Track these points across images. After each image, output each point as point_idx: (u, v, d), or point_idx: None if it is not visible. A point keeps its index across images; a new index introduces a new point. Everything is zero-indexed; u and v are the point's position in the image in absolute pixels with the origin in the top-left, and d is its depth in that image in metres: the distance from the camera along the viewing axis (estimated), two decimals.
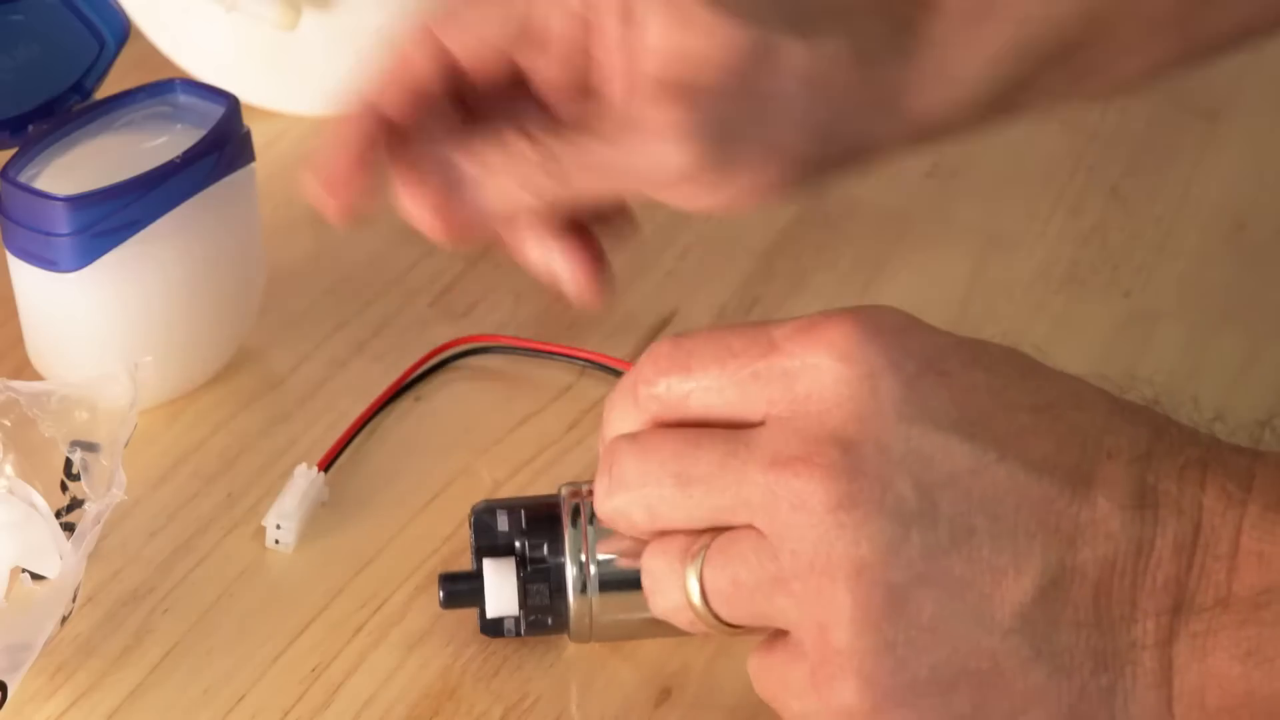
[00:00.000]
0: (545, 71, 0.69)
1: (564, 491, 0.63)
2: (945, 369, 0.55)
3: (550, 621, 0.63)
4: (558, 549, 0.62)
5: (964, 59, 0.68)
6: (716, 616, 0.57)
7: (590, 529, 0.62)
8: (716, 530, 0.56)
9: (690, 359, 0.58)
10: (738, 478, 0.55)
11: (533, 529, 0.63)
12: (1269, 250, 0.85)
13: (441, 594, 0.64)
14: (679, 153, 0.65)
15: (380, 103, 0.68)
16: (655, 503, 0.57)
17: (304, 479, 0.70)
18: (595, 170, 0.66)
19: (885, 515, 0.54)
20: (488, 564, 0.63)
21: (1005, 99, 0.69)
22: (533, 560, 0.63)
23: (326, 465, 0.71)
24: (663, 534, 0.58)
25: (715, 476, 0.56)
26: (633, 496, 0.57)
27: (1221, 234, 0.86)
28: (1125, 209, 0.87)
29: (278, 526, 0.69)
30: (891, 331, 0.56)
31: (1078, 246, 0.85)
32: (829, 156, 0.68)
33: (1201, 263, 0.84)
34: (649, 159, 0.65)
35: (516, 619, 0.64)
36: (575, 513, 0.62)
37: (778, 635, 0.57)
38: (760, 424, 0.56)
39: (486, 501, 0.64)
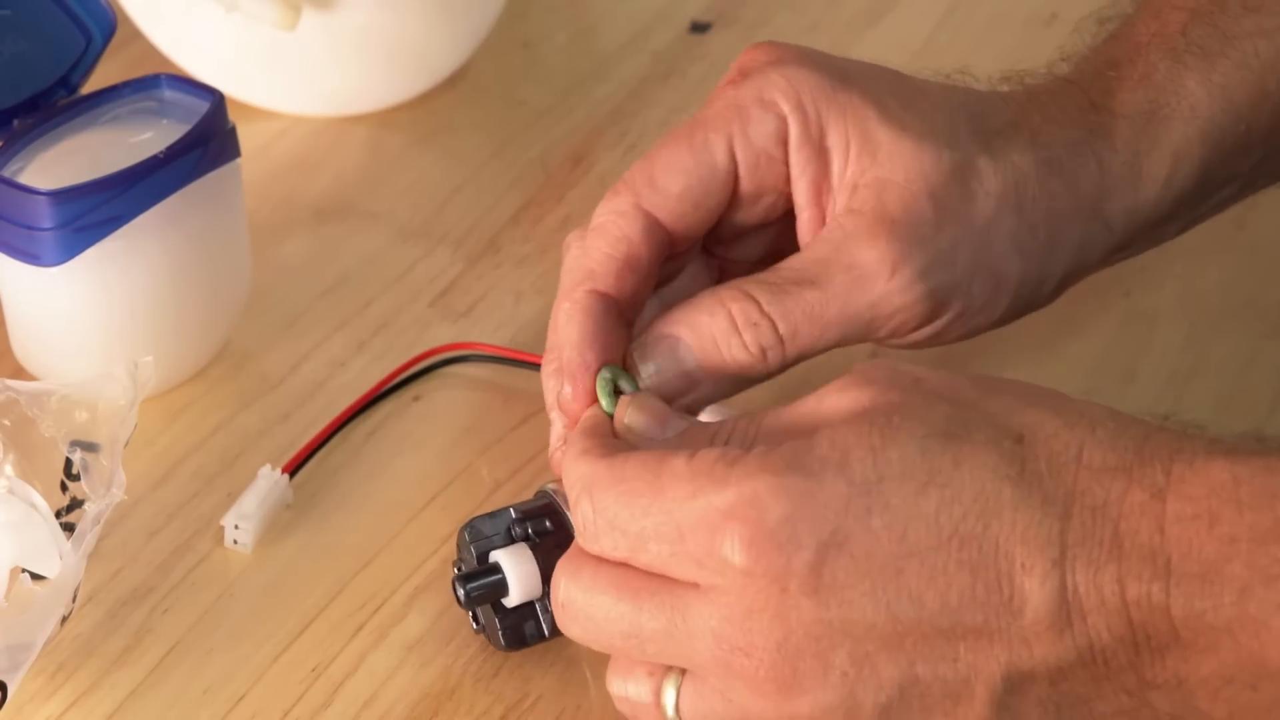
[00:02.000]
0: (744, 217, 0.68)
1: (550, 487, 0.64)
2: (842, 538, 0.55)
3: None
4: (562, 522, 0.63)
5: (1151, 157, 0.68)
6: None
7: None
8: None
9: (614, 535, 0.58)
10: (687, 648, 0.57)
11: (530, 516, 0.64)
12: (1269, 251, 0.85)
13: (461, 594, 0.63)
14: (903, 293, 0.64)
15: (605, 287, 0.65)
16: (607, 647, 0.59)
17: (267, 480, 0.70)
18: (819, 322, 0.64)
19: (830, 689, 0.56)
20: (499, 553, 0.63)
21: (1199, 190, 0.69)
22: (538, 533, 0.63)
23: (294, 469, 0.71)
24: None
25: (663, 640, 0.58)
26: (585, 635, 0.59)
27: (1221, 234, 0.86)
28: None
29: (236, 526, 0.69)
30: (779, 523, 0.55)
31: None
32: (1046, 276, 0.67)
33: (1201, 263, 0.84)
34: (872, 304, 0.64)
35: (539, 622, 0.63)
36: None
37: None
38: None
39: (468, 523, 0.65)
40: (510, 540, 0.64)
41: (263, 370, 0.77)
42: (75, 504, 0.66)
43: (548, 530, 0.63)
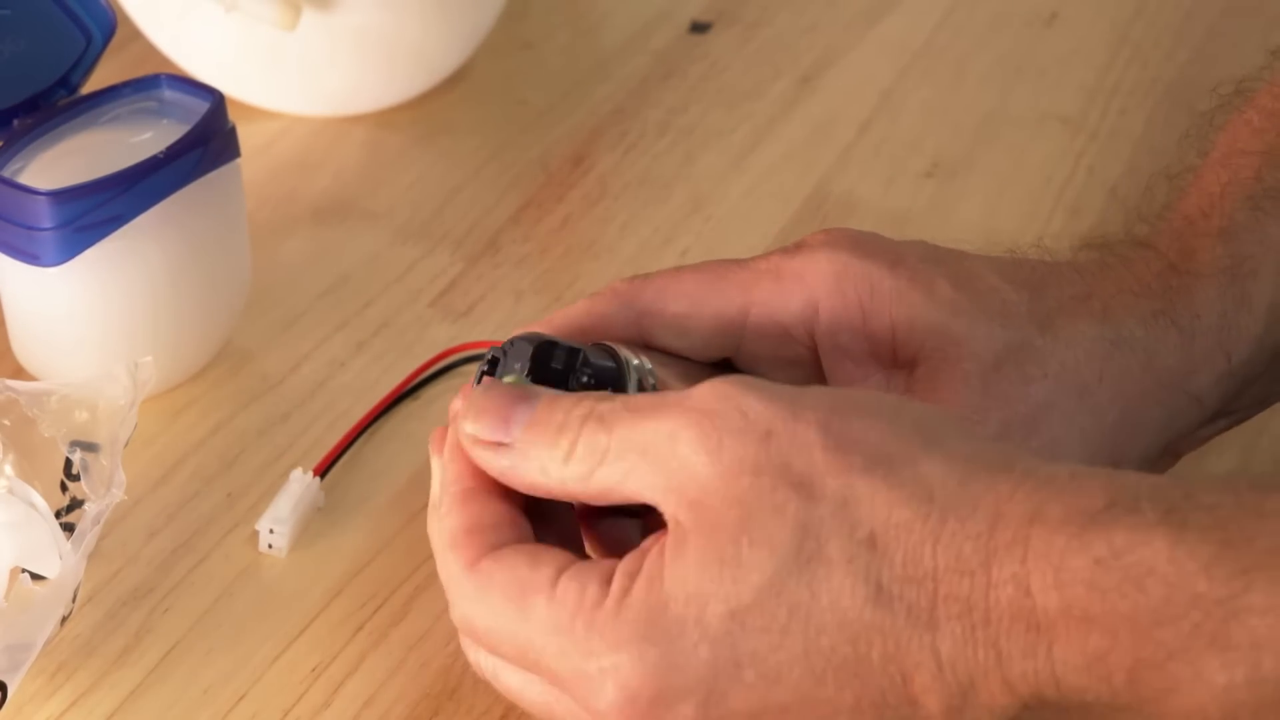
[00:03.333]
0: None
1: (617, 348, 0.62)
2: (719, 695, 0.55)
3: None
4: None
5: (1241, 316, 0.65)
6: None
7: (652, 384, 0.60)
8: None
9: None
10: None
11: (596, 372, 0.61)
12: None
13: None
14: None
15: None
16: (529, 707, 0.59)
17: (299, 484, 0.70)
18: None
19: None
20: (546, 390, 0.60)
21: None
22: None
23: (323, 471, 0.71)
24: None
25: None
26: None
27: None
28: (1125, 209, 0.87)
29: (270, 531, 0.69)
30: (653, 697, 0.55)
31: (1078, 246, 0.84)
32: (1120, 458, 0.64)
33: None
34: None
35: None
36: (639, 372, 0.61)
37: None
38: None
39: (529, 333, 0.62)
40: (564, 379, 0.61)
41: (263, 370, 0.77)
42: (75, 504, 0.66)
43: (600, 383, 0.61)
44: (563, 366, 0.61)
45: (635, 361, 0.62)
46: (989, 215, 0.86)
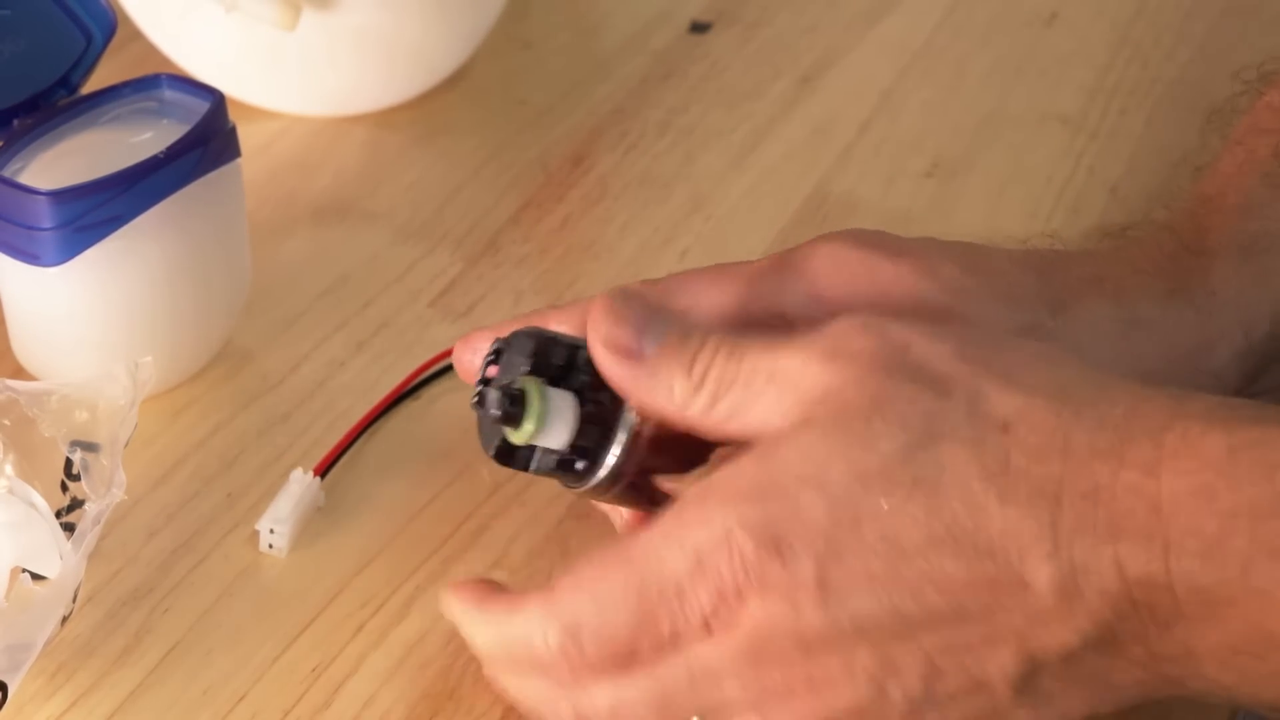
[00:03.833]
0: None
1: None
2: (838, 549, 0.55)
3: (576, 467, 0.61)
4: (620, 400, 0.61)
5: (1258, 293, 0.65)
6: None
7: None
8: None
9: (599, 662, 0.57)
10: (716, 692, 0.57)
11: (595, 369, 0.61)
12: None
13: (497, 411, 0.60)
14: None
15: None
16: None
17: (299, 484, 0.70)
18: None
19: (859, 688, 0.56)
20: (549, 392, 0.61)
21: None
22: (594, 400, 0.61)
23: (323, 471, 0.71)
24: None
25: (691, 692, 0.57)
26: None
27: None
28: (1125, 209, 0.87)
29: (271, 531, 0.69)
30: (773, 545, 0.55)
31: (1078, 247, 0.84)
32: None
33: None
34: None
35: (533, 453, 0.61)
36: None
37: None
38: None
39: (529, 328, 0.62)
40: (564, 376, 0.61)
41: (263, 370, 0.77)
42: (75, 504, 0.66)
43: (598, 381, 0.60)
44: (563, 362, 0.61)
45: None
46: (989, 215, 0.86)
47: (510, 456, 0.62)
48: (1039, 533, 0.54)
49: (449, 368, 0.77)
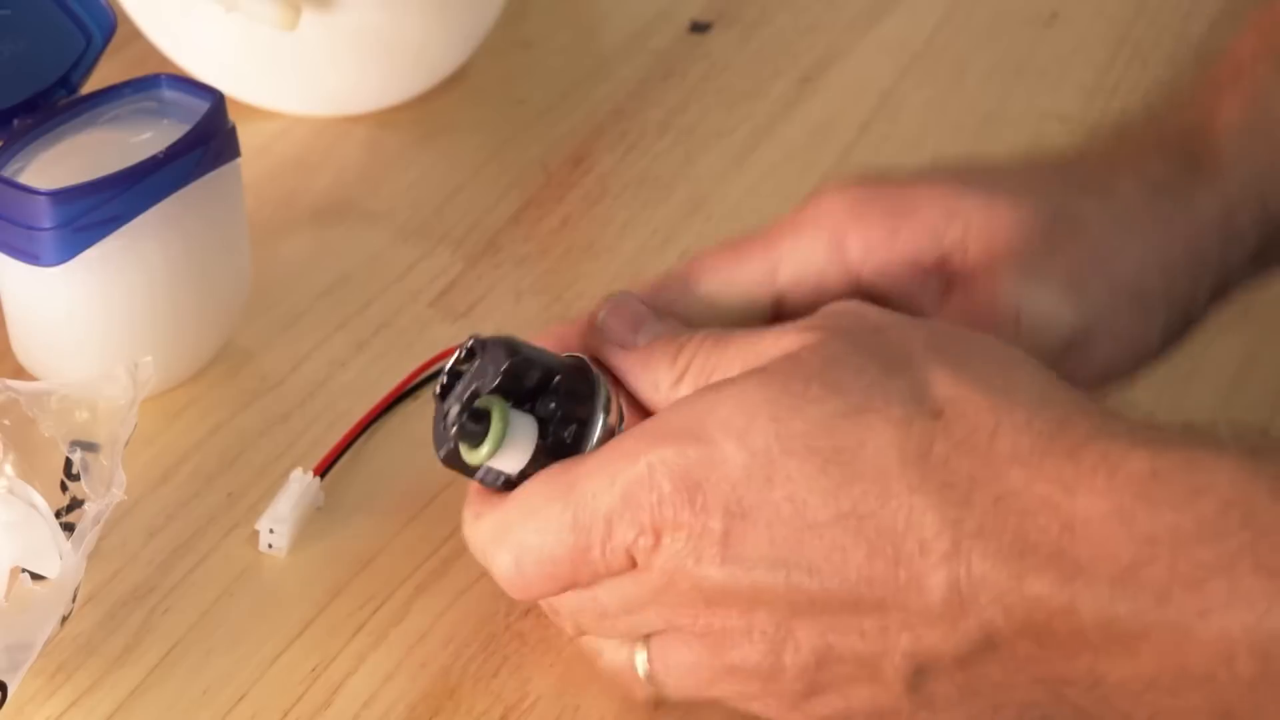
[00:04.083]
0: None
1: (593, 368, 0.61)
2: (746, 507, 0.56)
3: (515, 483, 0.61)
4: (584, 435, 0.60)
5: (1269, 171, 0.66)
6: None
7: (619, 427, 0.60)
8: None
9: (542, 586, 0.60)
10: (642, 619, 0.59)
11: (567, 401, 0.60)
12: None
13: (454, 425, 0.60)
14: (1056, 320, 0.63)
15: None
16: (593, 630, 0.61)
17: (299, 484, 0.70)
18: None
19: (753, 647, 0.57)
20: (513, 417, 0.60)
21: None
22: (555, 435, 0.60)
23: (323, 471, 0.71)
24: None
25: (624, 615, 0.59)
26: (576, 629, 0.62)
27: None
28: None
29: (270, 531, 0.69)
30: (688, 492, 0.56)
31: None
32: (1196, 291, 0.65)
33: None
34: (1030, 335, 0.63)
35: (489, 471, 0.61)
36: (607, 404, 0.61)
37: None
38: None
39: (509, 341, 0.61)
40: (531, 397, 0.61)
41: (263, 370, 0.77)
42: (75, 504, 0.66)
43: (567, 414, 0.60)
44: (534, 385, 0.61)
45: (606, 390, 0.61)
46: None
47: (458, 463, 0.61)
48: (940, 529, 0.54)
49: None
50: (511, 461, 0.60)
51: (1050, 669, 0.54)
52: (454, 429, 0.60)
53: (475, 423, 0.59)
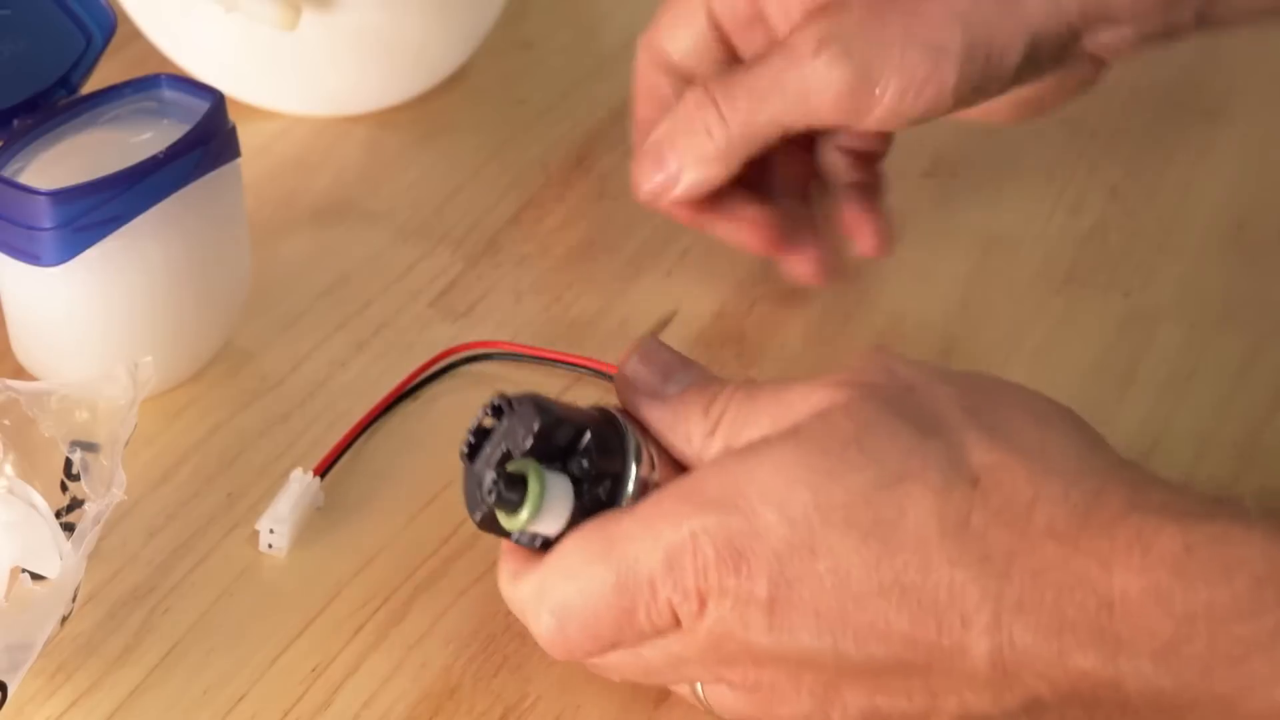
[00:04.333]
0: (741, 42, 0.75)
1: (622, 420, 0.61)
2: (791, 577, 0.56)
3: (550, 542, 0.60)
4: (619, 490, 0.60)
5: None
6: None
7: (652, 476, 0.60)
8: None
9: (588, 646, 0.60)
10: (690, 672, 0.60)
11: (600, 458, 0.60)
12: (1269, 250, 0.85)
13: (492, 495, 0.59)
14: (830, 68, 0.67)
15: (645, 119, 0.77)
16: (640, 679, 0.62)
17: (299, 484, 0.70)
18: (755, 95, 0.69)
19: (802, 703, 0.58)
20: (548, 479, 0.59)
21: None
22: (591, 494, 0.60)
23: (323, 471, 0.71)
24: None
25: (671, 669, 0.60)
26: (622, 678, 0.62)
27: (1221, 234, 0.86)
28: (1125, 209, 0.87)
29: (271, 531, 0.69)
30: (733, 560, 0.56)
31: (1078, 246, 0.85)
32: (1005, 46, 0.67)
33: (1201, 263, 0.84)
34: (803, 78, 0.68)
35: (525, 534, 0.60)
36: (638, 455, 0.60)
37: None
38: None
39: (536, 399, 0.60)
40: (562, 455, 0.60)
41: (263, 370, 0.77)
42: (75, 504, 0.66)
43: (600, 471, 0.60)
44: (564, 444, 0.60)
45: (635, 441, 0.61)
46: (989, 215, 0.86)
47: (494, 527, 0.60)
48: (980, 603, 0.54)
49: (448, 367, 0.77)
50: (550, 524, 0.60)
51: None
52: (491, 497, 0.59)
53: (511, 488, 0.59)
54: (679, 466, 0.61)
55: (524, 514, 0.59)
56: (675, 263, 0.83)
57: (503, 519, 0.60)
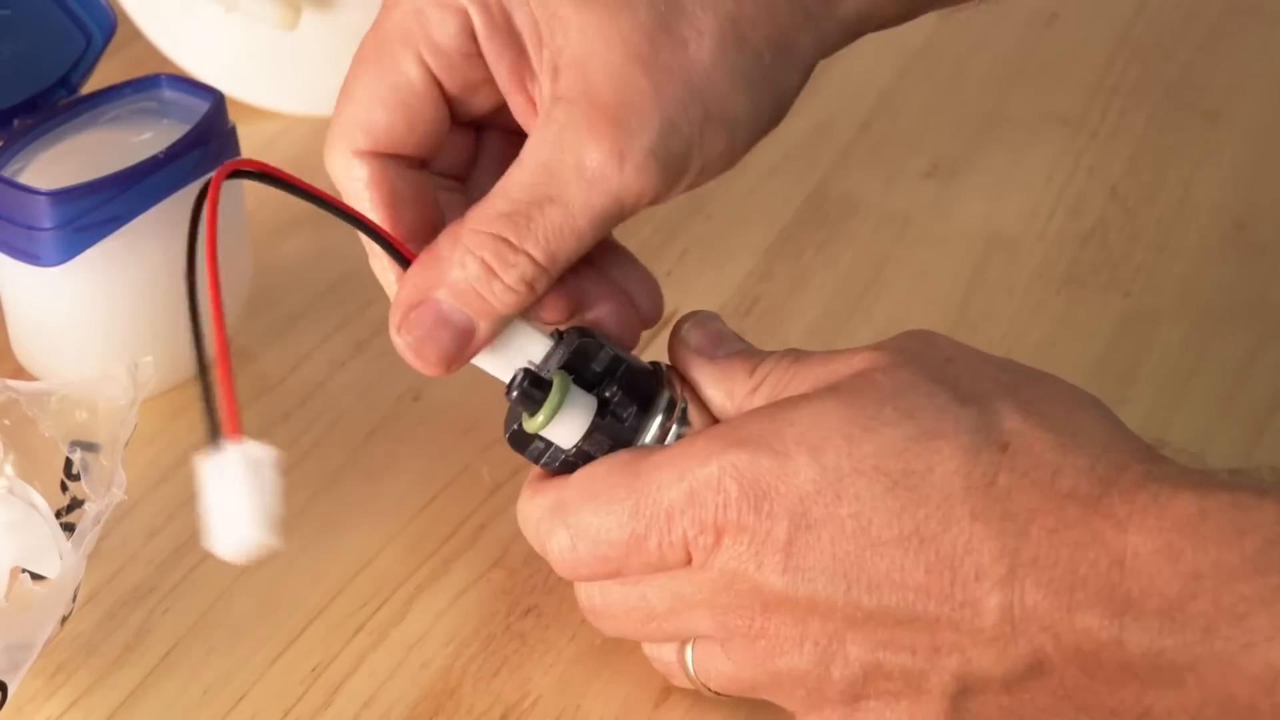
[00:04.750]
0: (476, 108, 0.65)
1: (666, 372, 0.63)
2: (813, 520, 0.57)
3: (574, 468, 0.61)
4: (642, 424, 0.61)
5: None
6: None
7: (675, 427, 0.61)
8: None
9: (600, 568, 0.60)
10: (692, 621, 0.60)
11: (629, 388, 0.61)
12: (1269, 250, 0.85)
13: (516, 390, 0.60)
14: (640, 176, 0.60)
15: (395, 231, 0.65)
16: (636, 634, 0.62)
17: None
18: (574, 234, 0.61)
19: (804, 656, 0.58)
20: (573, 390, 0.61)
21: None
22: (614, 414, 0.61)
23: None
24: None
25: (673, 617, 0.60)
26: (616, 631, 0.62)
27: (1221, 234, 0.86)
28: (1125, 209, 0.87)
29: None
30: (755, 498, 0.57)
31: (1078, 246, 0.85)
32: (781, 95, 0.64)
33: (1201, 263, 0.84)
34: (616, 196, 0.60)
35: (549, 449, 0.61)
36: (670, 406, 0.61)
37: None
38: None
39: (588, 330, 0.63)
40: (598, 383, 0.61)
41: (263, 370, 0.77)
42: (75, 504, 0.66)
43: (624, 419, 0.61)
44: (602, 369, 0.62)
45: (672, 393, 0.62)
46: (989, 215, 0.86)
47: (522, 445, 0.62)
48: (998, 556, 0.55)
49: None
50: (567, 434, 0.61)
51: (1097, 699, 0.55)
52: (515, 392, 0.61)
53: (534, 389, 0.60)
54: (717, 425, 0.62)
55: (541, 415, 0.60)
56: (675, 263, 0.83)
57: (525, 421, 0.61)
